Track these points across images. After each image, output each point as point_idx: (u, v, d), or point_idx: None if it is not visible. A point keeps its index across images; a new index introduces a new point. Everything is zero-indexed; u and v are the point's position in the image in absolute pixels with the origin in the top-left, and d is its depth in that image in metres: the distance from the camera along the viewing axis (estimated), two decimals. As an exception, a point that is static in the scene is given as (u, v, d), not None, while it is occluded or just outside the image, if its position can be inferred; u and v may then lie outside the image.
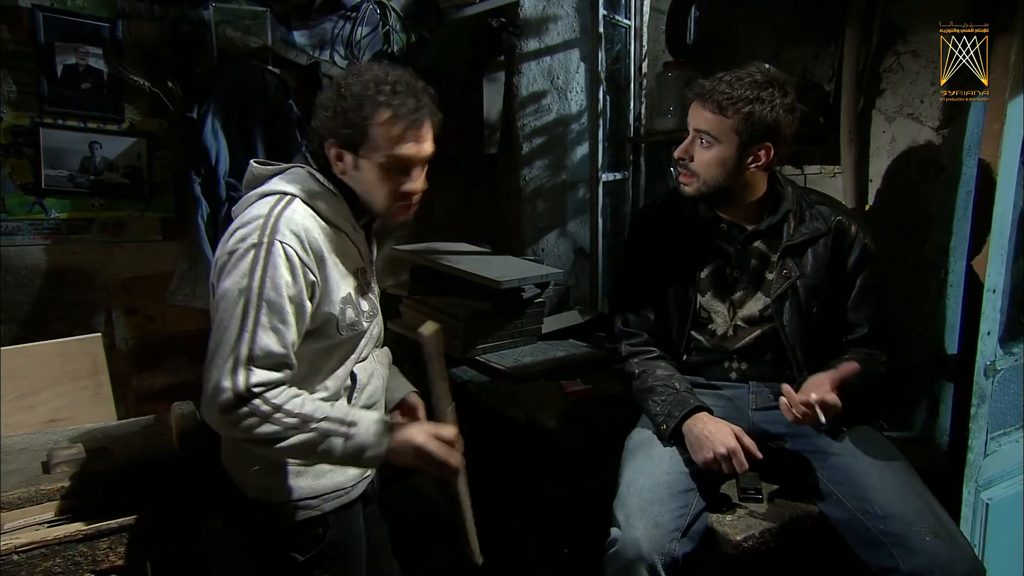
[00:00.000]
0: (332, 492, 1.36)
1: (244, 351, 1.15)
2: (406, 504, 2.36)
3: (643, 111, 2.90)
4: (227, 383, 1.13)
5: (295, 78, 2.53)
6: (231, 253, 1.19)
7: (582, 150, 2.92)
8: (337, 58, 2.64)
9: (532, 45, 2.77)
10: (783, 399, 1.41)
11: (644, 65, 2.87)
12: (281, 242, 1.19)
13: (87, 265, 2.36)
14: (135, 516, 1.27)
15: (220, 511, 1.35)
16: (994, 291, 1.74)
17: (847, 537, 1.38)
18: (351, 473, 1.40)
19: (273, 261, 1.17)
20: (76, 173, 2.29)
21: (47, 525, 1.23)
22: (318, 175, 1.30)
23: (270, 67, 2.45)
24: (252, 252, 1.18)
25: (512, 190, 2.89)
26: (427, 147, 1.30)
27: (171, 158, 2.43)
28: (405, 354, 1.75)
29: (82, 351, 1.81)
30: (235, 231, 1.22)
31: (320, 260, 1.25)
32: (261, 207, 1.24)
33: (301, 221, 1.23)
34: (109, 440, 1.58)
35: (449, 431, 1.30)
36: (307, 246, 1.22)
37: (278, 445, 1.17)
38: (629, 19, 2.84)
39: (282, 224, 1.20)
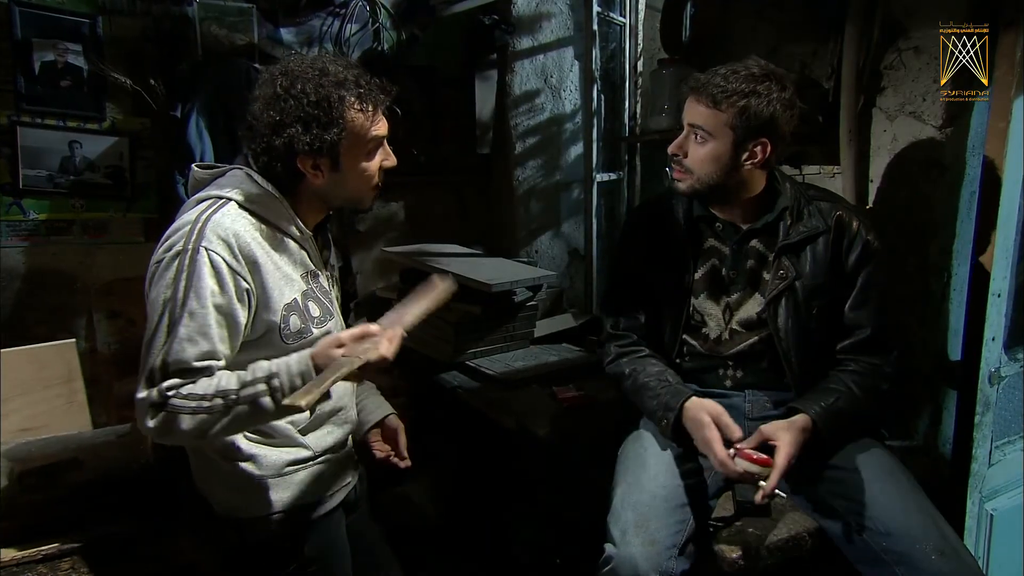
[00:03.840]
0: (307, 504, 1.31)
1: (159, 361, 1.12)
2: (394, 512, 2.31)
3: (638, 110, 2.85)
4: (143, 394, 1.12)
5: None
6: (158, 262, 1.16)
7: (576, 150, 2.87)
8: (326, 56, 2.59)
9: (525, 43, 2.72)
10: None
11: (639, 63, 2.82)
12: (207, 249, 1.14)
13: (68, 267, 2.30)
14: (100, 534, 1.22)
15: (192, 528, 1.29)
16: (999, 295, 1.69)
17: (848, 554, 1.33)
18: (327, 482, 1.36)
19: (197, 270, 1.13)
20: (55, 173, 2.23)
21: (6, 545, 1.17)
22: (256, 176, 1.25)
23: (256, 65, 2.39)
24: (177, 261, 1.14)
25: (505, 191, 2.85)
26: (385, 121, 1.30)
27: (154, 158, 2.37)
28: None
29: (56, 357, 1.76)
30: (166, 239, 1.18)
31: (254, 266, 1.19)
32: (192, 213, 1.19)
33: (231, 225, 1.17)
34: (82, 450, 1.53)
35: (373, 327, 1.19)
36: (236, 252, 1.17)
37: (212, 431, 1.13)
38: (624, 16, 2.79)
39: (208, 230, 1.15)
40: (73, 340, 1.80)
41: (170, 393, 1.12)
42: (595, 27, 2.69)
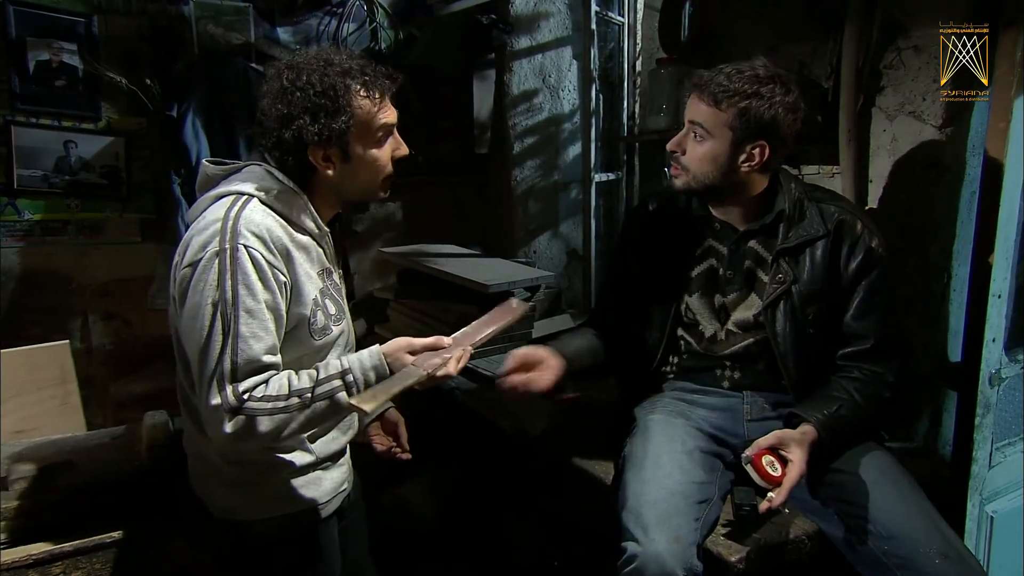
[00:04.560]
0: (304, 509, 1.30)
1: (228, 365, 1.10)
2: (392, 513, 2.30)
3: (637, 110, 2.84)
4: (217, 401, 1.09)
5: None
6: (193, 264, 1.13)
7: (574, 150, 2.86)
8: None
9: (523, 42, 2.71)
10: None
11: (638, 63, 2.81)
12: (245, 246, 1.12)
13: (63, 268, 2.29)
14: (93, 538, 1.20)
15: (187, 530, 1.28)
16: (999, 296, 1.68)
17: (849, 558, 1.32)
18: (325, 488, 1.34)
19: (242, 268, 1.12)
20: (50, 173, 2.21)
21: (-2, 548, 1.16)
22: (276, 172, 1.23)
23: (253, 64, 2.38)
24: (217, 261, 1.11)
25: (503, 191, 2.84)
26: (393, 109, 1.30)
27: (150, 158, 2.36)
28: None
29: (50, 359, 1.74)
30: (192, 239, 1.15)
31: (288, 258, 1.19)
32: (217, 211, 1.17)
33: (261, 220, 1.16)
34: (76, 453, 1.51)
35: (446, 340, 1.23)
36: (272, 247, 1.16)
37: (288, 430, 1.13)
38: (622, 16, 2.78)
39: (242, 226, 1.13)
40: (67, 341, 1.78)
41: (245, 396, 1.10)
42: (593, 26, 2.68)
